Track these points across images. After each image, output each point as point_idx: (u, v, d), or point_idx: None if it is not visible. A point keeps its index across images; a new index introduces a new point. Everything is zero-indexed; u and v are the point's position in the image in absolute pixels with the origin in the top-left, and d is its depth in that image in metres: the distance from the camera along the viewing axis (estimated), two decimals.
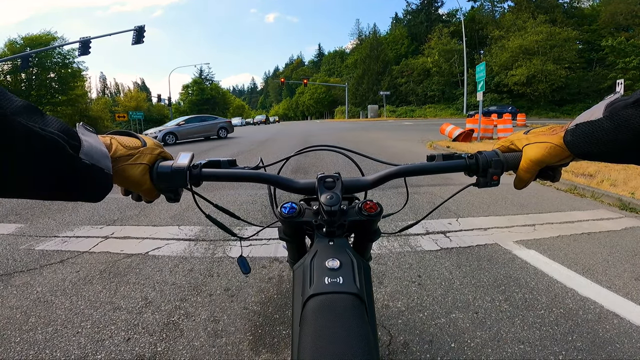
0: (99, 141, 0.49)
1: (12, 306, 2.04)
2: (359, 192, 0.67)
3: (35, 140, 0.37)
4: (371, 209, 0.62)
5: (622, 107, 0.46)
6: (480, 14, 45.70)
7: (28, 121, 0.36)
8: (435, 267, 2.37)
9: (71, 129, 0.44)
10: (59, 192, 0.44)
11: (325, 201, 0.57)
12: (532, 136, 0.60)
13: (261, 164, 0.72)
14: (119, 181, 0.55)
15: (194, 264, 2.52)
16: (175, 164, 0.58)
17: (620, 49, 30.20)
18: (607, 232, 2.94)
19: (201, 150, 11.04)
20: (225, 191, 4.69)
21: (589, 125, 0.50)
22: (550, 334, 1.66)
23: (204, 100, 58.91)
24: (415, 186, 4.56)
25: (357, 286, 0.48)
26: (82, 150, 0.44)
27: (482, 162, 0.62)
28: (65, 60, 31.79)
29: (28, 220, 3.73)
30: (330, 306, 0.45)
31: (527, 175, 0.60)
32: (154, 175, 0.57)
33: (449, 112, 38.75)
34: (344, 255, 0.53)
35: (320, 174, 0.63)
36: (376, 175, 0.65)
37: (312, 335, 0.42)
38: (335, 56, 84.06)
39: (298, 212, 0.62)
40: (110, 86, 78.93)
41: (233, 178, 0.64)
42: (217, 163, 0.65)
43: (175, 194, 0.61)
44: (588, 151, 0.51)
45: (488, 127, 10.97)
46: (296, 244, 0.72)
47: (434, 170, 0.65)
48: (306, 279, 0.50)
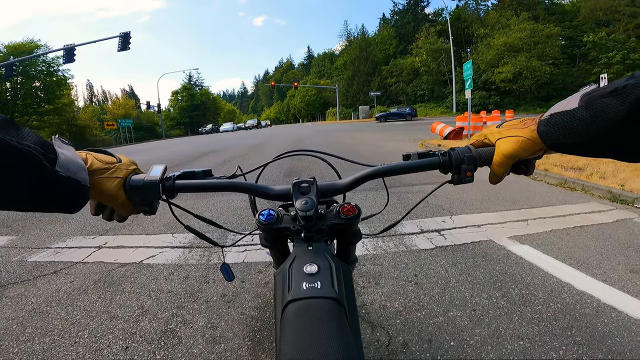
0: (75, 154, 0.50)
1: (8, 317, 2.01)
2: (335, 195, 0.67)
3: (11, 154, 0.37)
4: (349, 211, 0.62)
5: (598, 96, 0.45)
6: (465, 13, 46.25)
7: (5, 135, 0.37)
8: (431, 266, 2.38)
9: (47, 142, 0.45)
10: (35, 205, 0.44)
11: (300, 207, 0.58)
12: (505, 130, 0.59)
13: (239, 171, 0.72)
14: (94, 194, 0.55)
15: (189, 271, 2.50)
16: (148, 177, 0.58)
17: (601, 44, 30.75)
18: (599, 225, 2.98)
19: (193, 158, 10.97)
20: (205, 199, 4.64)
21: (564, 115, 0.49)
22: (549, 329, 1.67)
23: (194, 106, 58.65)
24: (408, 185, 4.58)
25: (335, 290, 0.47)
26: (59, 163, 0.44)
27: (455, 158, 0.62)
28: (50, 68, 31.27)
29: (19, 232, 3.67)
30: (309, 311, 0.45)
31: (500, 169, 0.59)
32: (127, 189, 0.57)
33: (439, 111, 39.03)
34: (322, 259, 0.53)
35: (295, 179, 0.63)
36: (351, 177, 0.66)
37: (291, 340, 0.42)
38: (324, 58, 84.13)
39: (276, 219, 0.62)
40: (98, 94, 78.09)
41: (207, 188, 0.64)
42: (192, 174, 0.65)
43: (150, 207, 0.60)
44: (561, 142, 0.50)
45: (477, 125, 11.08)
46: (279, 250, 0.72)
47: (408, 169, 0.65)
48: (285, 285, 0.50)
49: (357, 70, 51.89)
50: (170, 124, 56.60)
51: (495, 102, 34.15)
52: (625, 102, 0.41)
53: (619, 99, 0.42)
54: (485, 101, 34.19)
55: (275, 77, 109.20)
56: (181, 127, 56.67)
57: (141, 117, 46.96)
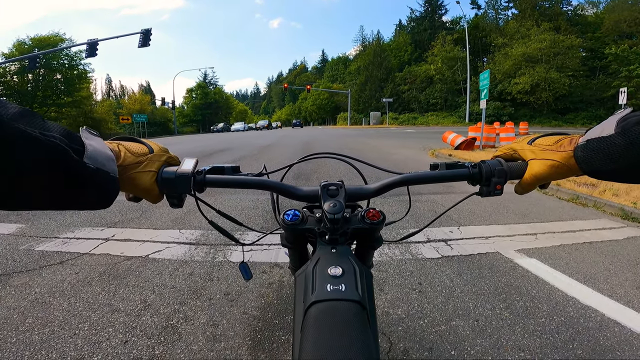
0: (103, 144, 0.48)
1: (10, 306, 2.04)
2: (362, 200, 0.67)
3: (35, 146, 0.35)
4: (374, 217, 0.62)
5: (634, 123, 0.45)
6: (484, 22, 45.85)
7: (27, 127, 0.34)
8: (436, 275, 2.35)
9: (74, 133, 0.43)
10: (64, 201, 0.42)
11: (329, 209, 0.57)
12: (539, 150, 0.58)
13: (264, 170, 0.72)
14: (128, 189, 0.55)
15: (194, 267, 2.51)
16: (180, 170, 0.58)
17: (623, 57, 30.12)
18: (609, 242, 2.92)
19: (205, 155, 11.07)
20: (226, 195, 4.69)
21: (601, 142, 0.49)
22: (551, 342, 1.65)
23: (207, 104, 59.26)
24: (417, 194, 4.55)
25: (359, 293, 0.47)
26: (86, 154, 0.42)
27: (486, 171, 0.62)
28: (72, 61, 32.00)
29: (29, 220, 3.74)
30: (333, 313, 0.45)
31: (529, 187, 0.60)
32: (159, 181, 0.57)
33: (451, 120, 38.77)
34: (346, 262, 0.52)
35: (324, 182, 0.63)
36: (379, 183, 0.65)
37: (313, 342, 0.42)
38: (338, 62, 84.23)
39: (301, 220, 0.62)
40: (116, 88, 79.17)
41: (237, 185, 0.64)
42: (220, 169, 0.65)
43: (178, 199, 0.60)
44: (599, 168, 0.50)
45: (490, 136, 10.97)
46: (298, 251, 0.72)
47: (437, 179, 0.65)
48: (308, 286, 0.50)
49: (371, 75, 51.76)
50: (183, 121, 57.33)
51: (510, 114, 33.71)
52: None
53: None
54: (499, 112, 33.81)
55: (288, 79, 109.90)
56: (194, 125, 57.32)
57: (155, 113, 47.65)
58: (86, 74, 33.86)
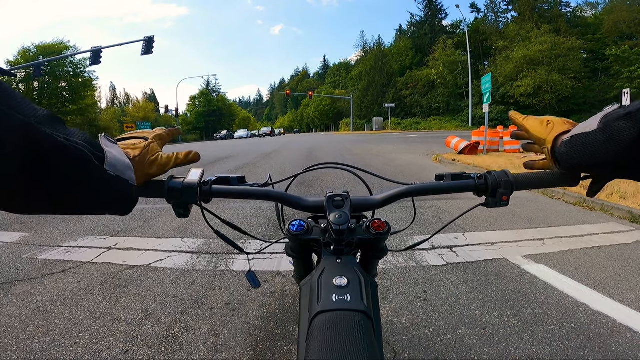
0: (121, 152, 0.49)
1: (11, 315, 2.03)
2: (367, 211, 0.67)
3: (62, 151, 0.35)
4: (379, 227, 0.62)
5: (614, 118, 0.45)
6: (484, 25, 46.01)
7: (53, 131, 0.35)
8: (442, 283, 2.31)
9: (95, 140, 0.44)
10: (87, 206, 0.43)
11: (334, 220, 0.57)
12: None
13: (270, 180, 0.72)
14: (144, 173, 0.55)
15: (196, 276, 2.49)
16: (186, 181, 0.58)
17: (624, 58, 29.98)
18: (618, 246, 2.87)
19: (209, 162, 11.09)
20: (229, 204, 4.67)
21: (583, 137, 0.50)
22: (561, 349, 1.61)
23: (210, 111, 59.62)
24: (421, 200, 4.51)
25: (364, 304, 0.48)
26: (107, 162, 0.43)
27: (492, 182, 0.62)
28: (77, 69, 32.39)
29: (32, 229, 3.74)
30: (338, 323, 0.45)
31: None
32: (166, 191, 0.58)
33: (454, 125, 38.69)
34: (351, 273, 0.53)
35: (330, 193, 0.63)
36: (385, 194, 0.66)
37: (318, 352, 0.42)
38: (340, 68, 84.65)
39: (306, 230, 0.62)
40: (120, 96, 79.84)
41: (243, 195, 0.64)
42: (226, 180, 0.65)
43: (185, 209, 0.61)
44: (579, 163, 0.51)
45: (494, 140, 10.92)
46: (303, 261, 0.72)
47: (442, 190, 0.65)
48: (314, 296, 0.50)
49: (372, 81, 51.86)
50: (187, 129, 57.64)
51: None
52: (637, 126, 0.42)
53: (632, 122, 0.43)
54: (502, 115, 33.66)
55: (290, 85, 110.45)
56: (197, 132, 57.61)
57: (159, 121, 48.09)
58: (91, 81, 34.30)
